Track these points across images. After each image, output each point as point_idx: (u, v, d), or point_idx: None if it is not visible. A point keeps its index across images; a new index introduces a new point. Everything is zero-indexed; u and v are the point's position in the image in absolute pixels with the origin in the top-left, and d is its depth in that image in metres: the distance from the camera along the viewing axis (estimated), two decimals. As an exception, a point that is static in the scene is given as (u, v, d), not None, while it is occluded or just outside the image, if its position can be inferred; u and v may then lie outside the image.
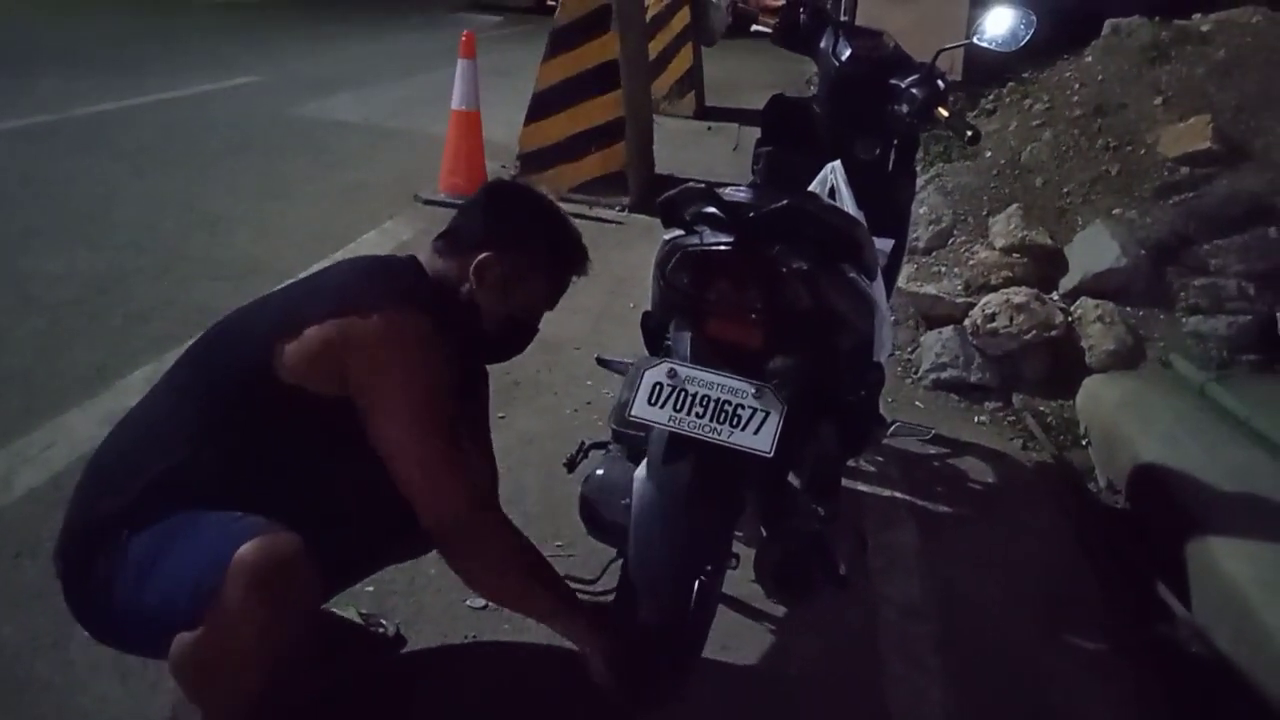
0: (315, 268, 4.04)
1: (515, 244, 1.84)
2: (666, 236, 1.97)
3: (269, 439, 1.68)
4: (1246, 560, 2.57)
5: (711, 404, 1.76)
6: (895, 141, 2.85)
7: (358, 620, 2.21)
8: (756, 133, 2.92)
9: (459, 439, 1.74)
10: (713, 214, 1.84)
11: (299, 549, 1.53)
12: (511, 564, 1.75)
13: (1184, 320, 4.04)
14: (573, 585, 1.96)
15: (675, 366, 1.80)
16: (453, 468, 1.70)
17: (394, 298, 1.71)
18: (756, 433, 1.74)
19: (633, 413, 1.79)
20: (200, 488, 1.63)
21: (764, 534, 2.05)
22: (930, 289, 4.33)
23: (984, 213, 4.65)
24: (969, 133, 2.61)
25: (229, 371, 1.71)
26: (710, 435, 1.76)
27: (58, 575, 1.69)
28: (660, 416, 1.78)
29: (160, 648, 1.58)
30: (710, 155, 7.31)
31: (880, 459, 3.38)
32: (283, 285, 1.88)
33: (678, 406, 1.78)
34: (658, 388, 1.79)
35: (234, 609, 1.48)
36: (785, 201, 1.80)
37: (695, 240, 1.86)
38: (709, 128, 8.61)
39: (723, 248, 1.80)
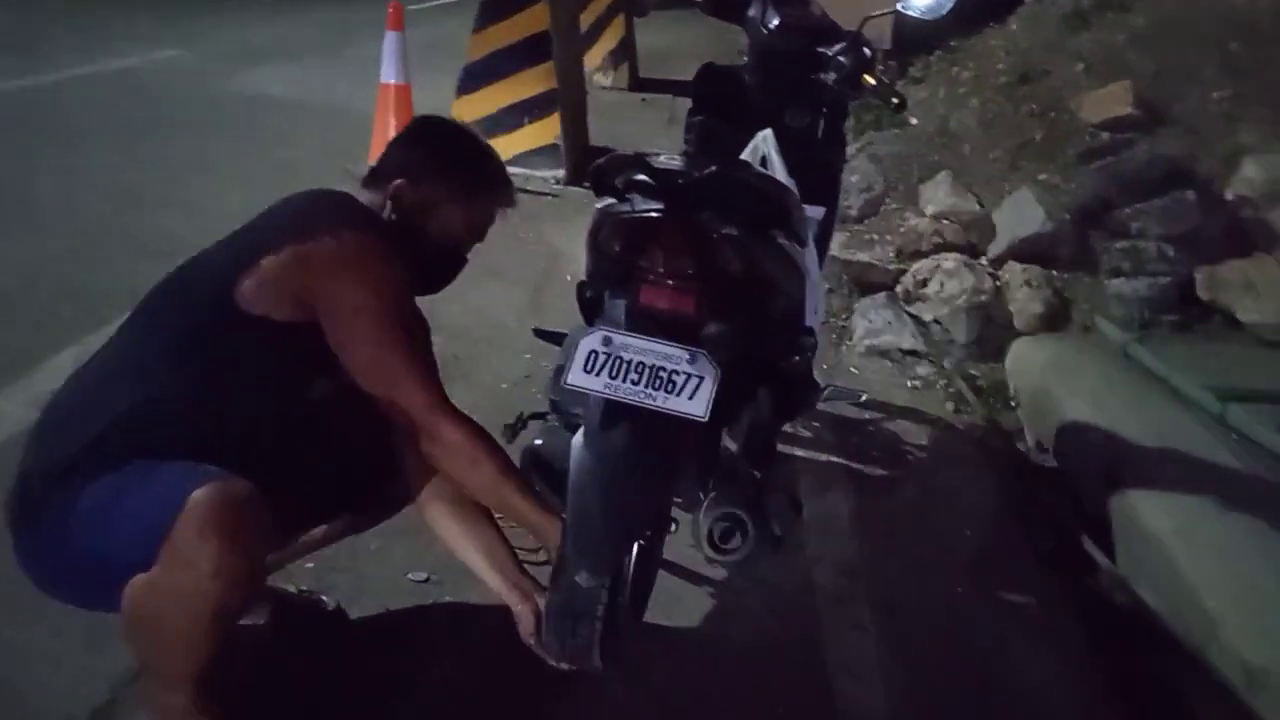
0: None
1: (428, 172, 1.89)
2: (598, 205, 1.98)
3: (230, 379, 1.70)
4: (1165, 513, 2.67)
5: (646, 370, 1.78)
6: (824, 109, 2.88)
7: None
8: (690, 105, 2.93)
9: (422, 340, 1.79)
10: (643, 181, 1.85)
11: (253, 493, 1.55)
12: (479, 455, 1.77)
13: (1107, 283, 4.16)
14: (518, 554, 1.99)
15: (610, 334, 1.81)
16: (414, 364, 1.74)
17: (345, 220, 1.77)
18: (691, 398, 1.76)
19: (568, 381, 1.80)
20: (156, 434, 1.63)
21: (701, 499, 2.08)
22: (863, 256, 4.40)
23: (914, 180, 4.73)
24: (895, 100, 2.64)
25: (189, 312, 1.72)
26: (645, 401, 1.77)
27: (8, 524, 1.67)
28: (596, 384, 1.79)
29: (111, 598, 1.58)
30: (645, 127, 7.31)
31: (816, 424, 3.44)
32: (232, 231, 1.87)
33: (613, 374, 1.79)
34: (593, 356, 1.80)
35: (187, 548, 1.49)
36: (714, 168, 1.82)
37: (626, 208, 1.86)
38: (643, 99, 8.58)
39: (653, 214, 1.81)
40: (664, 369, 1.78)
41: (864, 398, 3.07)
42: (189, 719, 1.67)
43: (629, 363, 1.79)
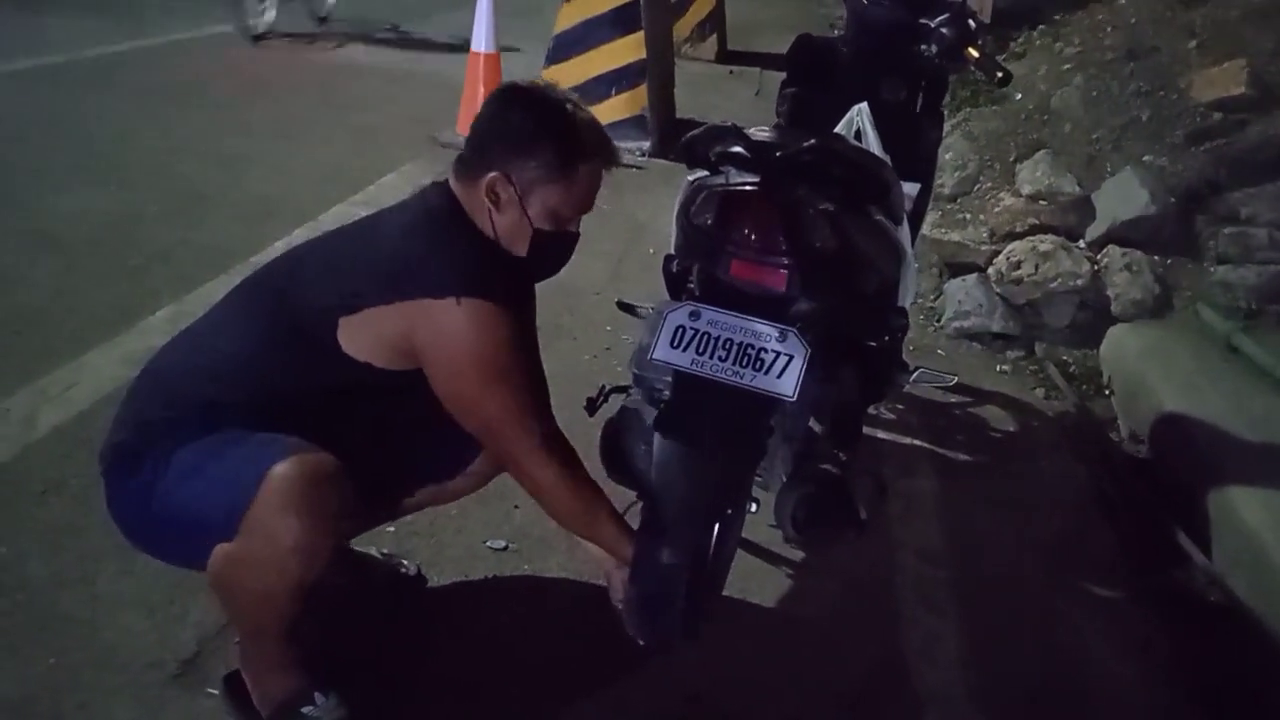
0: (333, 211, 4.07)
1: (520, 155, 1.71)
2: (690, 177, 1.94)
3: (328, 400, 1.72)
4: (1266, 509, 2.56)
5: (734, 347, 1.75)
6: (923, 83, 2.79)
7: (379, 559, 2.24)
8: (779, 78, 2.86)
9: (527, 372, 1.73)
10: (738, 154, 1.80)
11: (335, 466, 1.57)
12: (570, 493, 1.74)
13: (1212, 269, 3.98)
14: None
15: (698, 309, 1.78)
16: (514, 411, 1.69)
17: (455, 279, 1.65)
18: (779, 376, 1.73)
19: (655, 355, 1.78)
20: (253, 418, 1.65)
21: (784, 479, 2.04)
22: (955, 236, 4.29)
23: (1011, 159, 4.58)
24: (1000, 74, 2.55)
25: (291, 333, 1.71)
26: (733, 379, 1.74)
27: (102, 473, 1.71)
28: (682, 360, 1.76)
29: (196, 558, 1.63)
30: (732, 100, 7.21)
31: (900, 407, 3.36)
32: (333, 232, 1.88)
33: (700, 350, 1.76)
34: (680, 331, 1.77)
35: (268, 521, 1.52)
36: (813, 141, 1.76)
37: (720, 180, 1.82)
38: (730, 71, 8.47)
39: (748, 187, 1.77)
40: (752, 346, 1.74)
41: (954, 381, 2.99)
42: (275, 672, 1.73)
43: (716, 339, 1.76)
